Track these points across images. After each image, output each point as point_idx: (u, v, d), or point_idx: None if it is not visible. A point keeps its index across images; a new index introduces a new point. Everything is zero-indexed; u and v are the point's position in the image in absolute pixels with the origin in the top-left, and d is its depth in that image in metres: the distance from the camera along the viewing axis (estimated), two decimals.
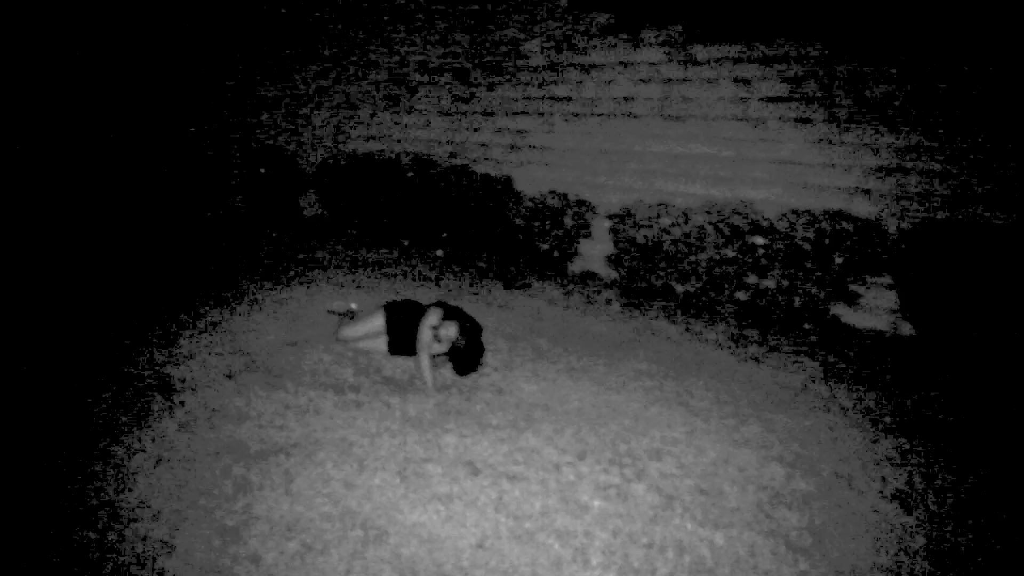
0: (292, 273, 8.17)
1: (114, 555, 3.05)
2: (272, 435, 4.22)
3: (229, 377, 5.05)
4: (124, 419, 4.30)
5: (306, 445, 4.13)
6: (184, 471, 3.75)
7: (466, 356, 5.32)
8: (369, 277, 8.33)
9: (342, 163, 10.73)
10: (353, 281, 8.03)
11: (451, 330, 5.28)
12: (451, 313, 5.42)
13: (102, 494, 3.50)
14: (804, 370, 6.10)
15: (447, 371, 5.46)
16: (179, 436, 4.12)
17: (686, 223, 7.58)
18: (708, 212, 7.52)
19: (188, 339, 5.75)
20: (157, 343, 5.63)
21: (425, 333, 5.28)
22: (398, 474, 3.89)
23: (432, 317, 5.36)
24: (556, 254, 8.98)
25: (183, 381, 4.93)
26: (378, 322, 5.65)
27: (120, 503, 3.44)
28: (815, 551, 3.52)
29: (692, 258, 7.55)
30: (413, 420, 4.62)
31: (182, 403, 4.56)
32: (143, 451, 3.93)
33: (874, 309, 7.07)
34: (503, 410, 4.90)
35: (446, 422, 4.62)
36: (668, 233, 7.69)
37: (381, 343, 5.72)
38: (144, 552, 3.08)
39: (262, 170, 10.72)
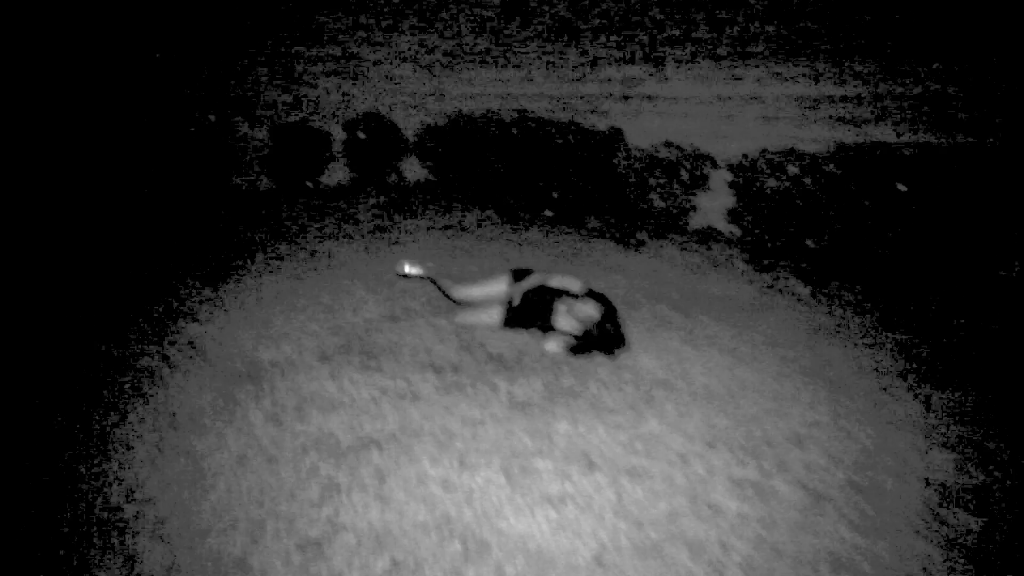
0: (396, 242, 7.78)
1: None
2: (365, 426, 3.83)
3: (323, 359, 4.68)
4: (208, 409, 3.98)
5: (402, 437, 3.72)
6: (267, 471, 3.39)
7: (599, 341, 4.86)
8: (473, 241, 7.87)
9: (442, 125, 10.31)
10: (457, 246, 7.60)
11: (589, 309, 4.82)
12: (590, 292, 5.04)
13: (177, 500, 3.17)
14: (960, 337, 5.34)
15: (557, 347, 4.96)
16: (265, 429, 3.77)
17: (817, 171, 6.80)
18: (841, 158, 6.73)
19: (282, 316, 5.42)
20: (250, 321, 5.31)
21: (563, 316, 5.02)
22: (503, 471, 3.44)
23: (570, 285, 5.07)
24: (672, 210, 8.32)
25: (274, 365, 4.59)
26: (500, 288, 5.20)
27: (195, 509, 3.10)
28: (1004, 568, 2.89)
29: (824, 210, 6.78)
30: (520, 405, 4.15)
31: (271, 390, 4.22)
32: (226, 448, 3.59)
33: None
34: (620, 390, 4.39)
35: (557, 406, 4.14)
36: (796, 183, 6.94)
37: (493, 314, 5.25)
38: (217, 572, 2.73)
39: (361, 135, 10.37)
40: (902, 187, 6.06)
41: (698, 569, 2.81)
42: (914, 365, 4.82)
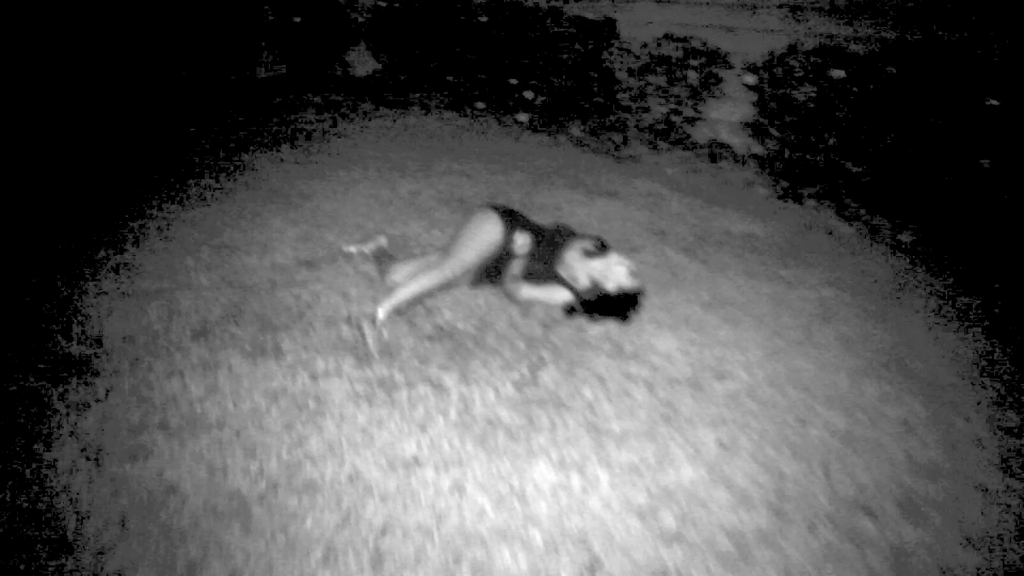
0: (331, 153, 6.17)
1: None
2: (234, 475, 2.38)
3: (199, 334, 3.21)
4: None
5: (287, 496, 2.29)
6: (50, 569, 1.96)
7: (614, 306, 3.48)
8: (430, 155, 6.29)
9: (399, 7, 8.56)
10: (410, 160, 6.03)
11: (621, 270, 3.44)
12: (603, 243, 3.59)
13: None
14: None
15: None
16: (70, 472, 2.32)
17: (871, 75, 5.30)
18: (902, 58, 5.23)
19: (162, 260, 3.92)
20: (112, 267, 3.81)
21: (578, 263, 3.52)
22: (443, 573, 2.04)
23: (587, 242, 3.57)
24: (676, 119, 6.80)
25: (127, 342, 3.12)
26: (493, 235, 3.57)
27: None
28: None
29: (875, 125, 5.31)
30: (481, 426, 2.72)
31: (107, 394, 2.75)
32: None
33: None
34: (629, 396, 2.98)
35: (535, 428, 2.72)
36: (842, 90, 5.44)
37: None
38: None
39: (296, 19, 8.59)
40: (993, 101, 4.59)
41: None
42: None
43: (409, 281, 3.33)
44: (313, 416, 2.68)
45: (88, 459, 2.39)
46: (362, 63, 9.21)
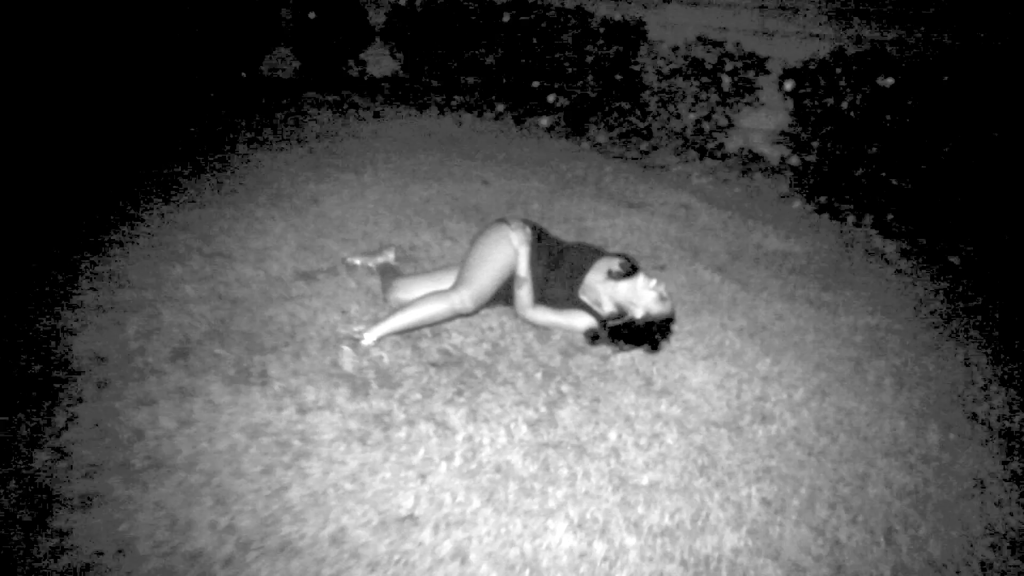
0: (342, 155, 5.82)
1: None
2: (194, 532, 2.04)
3: (178, 355, 2.88)
4: None
5: (255, 554, 1.94)
6: None
7: (641, 335, 3.13)
8: (446, 159, 5.94)
9: (418, 5, 8.23)
10: (424, 164, 5.69)
11: (650, 294, 3.06)
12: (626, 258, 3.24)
13: None
14: None
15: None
16: (12, 522, 1.99)
17: (924, 82, 4.92)
18: (963, 66, 4.84)
19: (148, 268, 3.60)
20: (99, 274, 3.51)
21: (601, 285, 3.18)
22: None
23: (612, 261, 3.20)
24: (706, 127, 6.43)
25: (96, 362, 2.79)
26: (510, 256, 3.19)
27: None
28: None
29: (924, 137, 4.93)
30: (489, 476, 2.37)
31: (68, 423, 2.42)
32: None
33: None
34: (658, 440, 2.62)
35: (553, 480, 2.36)
36: (889, 99, 5.06)
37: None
38: None
39: (311, 15, 8.26)
40: None
41: None
42: None
43: (410, 306, 2.98)
44: (297, 458, 2.33)
45: (31, 507, 2.05)
46: (379, 62, 8.88)
